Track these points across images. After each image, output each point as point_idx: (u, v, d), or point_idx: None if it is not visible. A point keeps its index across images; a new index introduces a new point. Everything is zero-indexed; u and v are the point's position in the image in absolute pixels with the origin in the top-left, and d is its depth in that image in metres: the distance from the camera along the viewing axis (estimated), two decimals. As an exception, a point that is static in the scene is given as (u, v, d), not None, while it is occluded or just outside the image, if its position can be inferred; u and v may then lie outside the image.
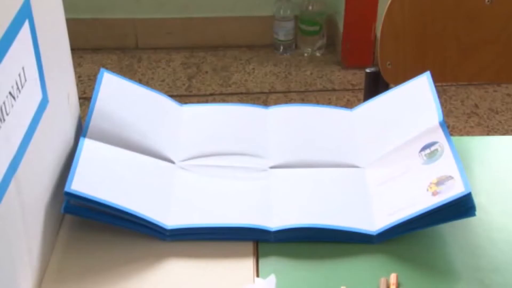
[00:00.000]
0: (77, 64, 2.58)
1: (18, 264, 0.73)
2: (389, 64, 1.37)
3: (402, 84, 0.99)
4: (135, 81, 2.16)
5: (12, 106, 0.69)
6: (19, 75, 0.71)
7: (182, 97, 2.49)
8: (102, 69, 0.99)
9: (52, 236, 0.84)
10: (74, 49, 0.93)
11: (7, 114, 0.67)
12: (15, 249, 0.73)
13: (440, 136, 0.87)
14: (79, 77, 2.56)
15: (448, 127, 0.88)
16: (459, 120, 2.40)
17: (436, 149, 0.86)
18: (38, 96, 0.78)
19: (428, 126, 0.89)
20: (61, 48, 0.89)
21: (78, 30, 2.64)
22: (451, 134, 0.87)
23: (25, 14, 0.73)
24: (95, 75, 0.98)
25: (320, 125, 1.00)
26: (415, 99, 0.96)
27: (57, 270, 0.81)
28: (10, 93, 0.68)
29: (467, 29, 1.37)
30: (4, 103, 0.66)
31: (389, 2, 1.34)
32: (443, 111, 0.89)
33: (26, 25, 0.73)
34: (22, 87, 0.72)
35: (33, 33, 0.76)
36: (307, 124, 1.00)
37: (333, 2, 2.69)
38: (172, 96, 1.07)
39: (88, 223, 0.85)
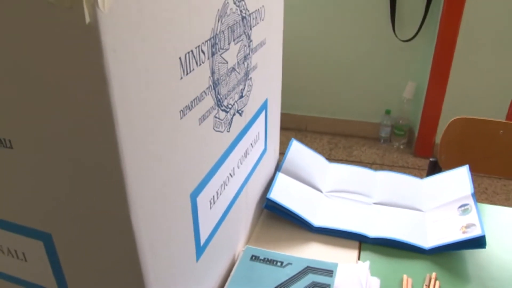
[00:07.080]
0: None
1: (240, 230, 0.75)
2: (443, 157, 1.27)
3: (451, 170, 0.92)
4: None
5: (251, 151, 0.71)
6: (256, 136, 0.73)
7: (325, 158, 2.44)
8: (292, 138, 1.00)
9: (257, 219, 0.85)
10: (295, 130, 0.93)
11: (248, 154, 0.69)
12: (240, 223, 0.74)
13: (471, 201, 0.81)
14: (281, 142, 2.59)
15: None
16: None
17: (468, 208, 0.80)
18: (262, 148, 0.79)
19: (464, 194, 0.83)
20: (275, 126, 0.90)
21: (290, 118, 2.69)
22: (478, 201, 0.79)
23: (264, 107, 0.75)
24: (287, 142, 0.99)
25: (405, 184, 0.94)
26: (458, 178, 0.88)
27: (256, 237, 0.81)
28: (251, 144, 0.70)
29: (491, 144, 1.25)
30: (247, 149, 0.69)
31: (447, 125, 1.25)
32: (474, 187, 0.81)
33: (263, 113, 0.75)
34: (256, 142, 0.74)
35: (266, 117, 0.77)
36: (397, 182, 0.95)
37: (413, 121, 2.55)
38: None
39: (275, 216, 0.86)
